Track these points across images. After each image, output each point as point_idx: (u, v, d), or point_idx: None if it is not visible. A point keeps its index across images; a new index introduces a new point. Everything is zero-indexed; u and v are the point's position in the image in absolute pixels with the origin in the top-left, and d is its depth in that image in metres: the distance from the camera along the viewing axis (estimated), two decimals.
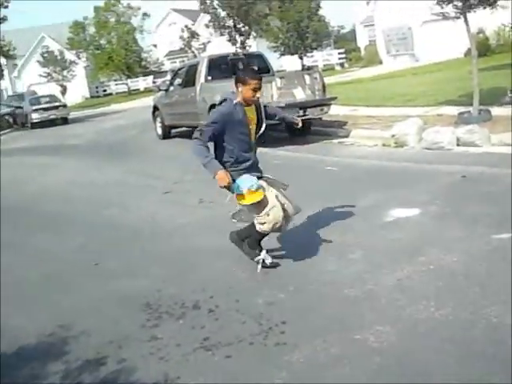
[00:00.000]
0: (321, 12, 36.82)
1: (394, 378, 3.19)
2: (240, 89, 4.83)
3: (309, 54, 38.87)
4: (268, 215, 4.80)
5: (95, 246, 6.44)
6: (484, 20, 19.09)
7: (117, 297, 4.85)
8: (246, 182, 4.83)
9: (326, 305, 4.22)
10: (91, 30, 49.94)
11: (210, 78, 13.52)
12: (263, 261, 4.98)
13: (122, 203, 8.30)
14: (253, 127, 5.02)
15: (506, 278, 4.24)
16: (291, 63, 37.82)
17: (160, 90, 16.43)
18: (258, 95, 4.87)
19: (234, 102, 4.85)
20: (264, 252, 5.01)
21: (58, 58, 43.75)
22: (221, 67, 14.11)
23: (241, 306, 4.32)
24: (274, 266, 5.02)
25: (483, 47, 25.42)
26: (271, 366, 3.44)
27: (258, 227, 4.89)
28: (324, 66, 41.53)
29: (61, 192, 9.94)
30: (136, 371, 3.56)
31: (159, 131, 15.91)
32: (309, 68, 33.16)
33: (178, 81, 15.19)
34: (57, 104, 29.22)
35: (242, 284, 4.80)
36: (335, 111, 13.50)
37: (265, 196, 4.81)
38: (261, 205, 4.81)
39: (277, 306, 4.27)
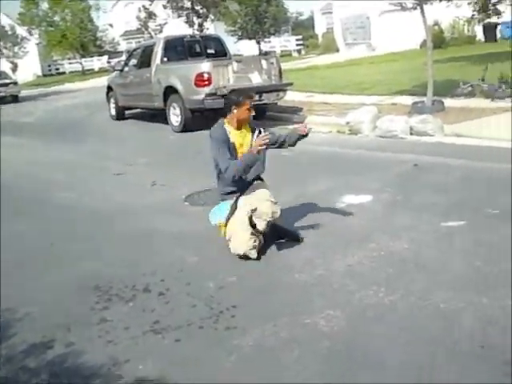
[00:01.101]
0: None
1: (343, 361, 3.21)
2: (235, 111, 4.88)
3: (266, 40, 38.86)
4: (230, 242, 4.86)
5: (49, 228, 6.26)
6: (439, 13, 19.42)
7: (67, 279, 4.73)
8: (216, 214, 5.00)
9: (276, 289, 4.23)
10: (44, 5, 48.51)
11: (165, 59, 13.35)
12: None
13: (75, 184, 8.11)
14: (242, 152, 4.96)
15: (453, 265, 4.35)
16: (249, 48, 37.68)
17: (115, 70, 16.13)
18: (252, 113, 4.95)
19: (224, 126, 4.94)
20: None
21: (9, 33, 42.47)
22: (177, 49, 13.96)
23: (192, 290, 4.29)
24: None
25: (438, 39, 25.84)
26: (221, 350, 3.42)
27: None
28: (281, 51, 41.45)
29: (12, 172, 9.64)
30: (84, 354, 3.48)
31: (113, 112, 15.64)
32: (266, 53, 33.09)
33: (133, 61, 14.92)
34: (7, 81, 28.36)
35: (194, 267, 4.76)
36: (291, 97, 13.54)
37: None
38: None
39: (228, 289, 4.25)
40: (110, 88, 15.79)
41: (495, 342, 3.26)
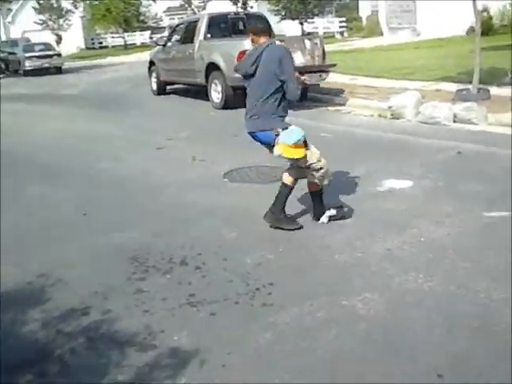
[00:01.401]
0: None
1: (380, 345, 3.18)
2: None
3: (309, 20, 38.35)
4: (320, 161, 4.85)
5: (86, 198, 6.33)
6: None
7: (105, 248, 4.79)
8: (293, 135, 4.71)
9: (314, 268, 4.20)
10: None
11: (209, 35, 13.29)
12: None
13: (114, 157, 8.17)
14: None
15: (495, 256, 4.24)
16: (291, 28, 37.30)
17: (157, 44, 16.13)
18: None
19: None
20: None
21: (55, 5, 42.91)
22: (220, 26, 13.88)
23: (228, 265, 4.29)
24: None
25: (486, 26, 25.11)
26: (256, 327, 3.41)
27: (317, 176, 4.86)
28: (324, 33, 40.91)
29: (53, 142, 9.78)
30: (119, 322, 3.52)
31: (154, 86, 15.69)
32: (309, 34, 32.72)
33: (176, 37, 14.91)
34: (51, 53, 28.75)
35: (231, 243, 4.76)
36: (333, 79, 13.36)
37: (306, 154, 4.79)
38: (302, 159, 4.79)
39: (265, 266, 4.24)
40: (152, 63, 15.82)
41: None
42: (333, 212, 5.03)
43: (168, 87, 15.48)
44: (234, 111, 11.67)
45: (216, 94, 12.34)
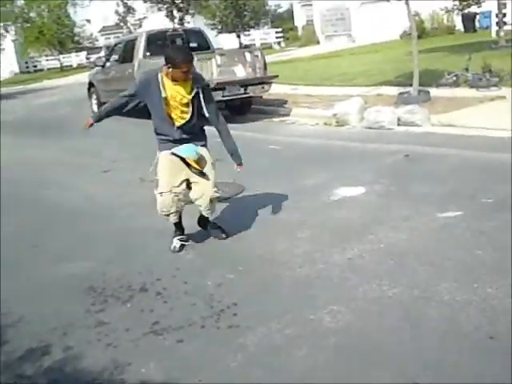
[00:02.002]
0: None
1: (352, 357, 3.14)
2: (170, 70, 4.59)
3: (246, 33, 38.63)
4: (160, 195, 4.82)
5: (34, 227, 6.12)
6: (419, 4, 19.44)
7: (59, 280, 4.60)
8: (188, 150, 4.79)
9: (277, 285, 4.13)
10: (20, 1, 47.75)
11: (148, 53, 13.14)
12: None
13: (59, 183, 7.93)
14: (176, 105, 4.73)
15: (454, 256, 4.29)
16: (229, 41, 37.47)
17: (96, 65, 15.87)
18: (189, 76, 4.66)
19: (159, 74, 4.68)
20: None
21: None
22: (159, 43, 13.73)
23: (189, 288, 4.19)
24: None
25: (419, 30, 25.71)
26: (225, 350, 3.33)
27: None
28: (261, 44, 41.21)
29: None
30: (83, 358, 3.38)
31: (95, 108, 15.40)
32: (246, 46, 32.92)
33: (114, 57, 14.71)
34: None
35: (189, 265, 4.66)
36: (275, 90, 13.42)
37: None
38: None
39: (227, 287, 4.16)
40: (91, 84, 15.56)
41: (503, 333, 3.20)
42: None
43: None
44: None
45: None
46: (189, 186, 4.85)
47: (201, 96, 4.72)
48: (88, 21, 55.31)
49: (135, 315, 3.88)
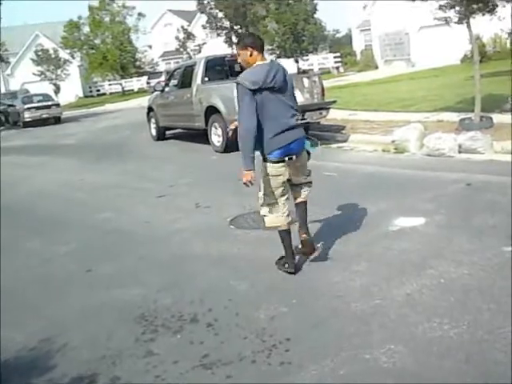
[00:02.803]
0: (316, 15, 36.72)
1: None
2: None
3: (304, 58, 38.73)
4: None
5: (88, 251, 6.18)
6: (481, 27, 19.08)
7: (109, 307, 4.60)
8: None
9: (331, 320, 3.97)
10: (86, 29, 49.53)
11: (206, 79, 13.25)
12: None
13: (115, 206, 8.03)
14: None
15: None
16: (287, 66, 37.58)
17: (155, 90, 16.14)
18: (238, 60, 4.79)
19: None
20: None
21: (52, 56, 43.49)
22: (218, 68, 13.87)
23: (241, 321, 4.08)
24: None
25: (480, 53, 25.25)
26: None
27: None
28: (319, 69, 41.27)
29: (54, 193, 9.66)
30: None
31: (153, 132, 15.68)
32: (304, 71, 32.94)
33: (173, 82, 14.93)
34: (50, 103, 28.88)
35: (242, 296, 4.55)
36: (333, 115, 13.31)
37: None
38: None
39: (280, 320, 4.03)
40: (150, 109, 15.83)
41: None
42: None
43: (167, 132, 15.45)
44: (235, 154, 11.57)
45: (216, 137, 12.25)
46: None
47: None
48: (149, 46, 56.84)
49: (185, 347, 3.80)
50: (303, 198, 4.99)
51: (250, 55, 4.61)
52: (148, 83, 43.19)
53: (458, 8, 10.46)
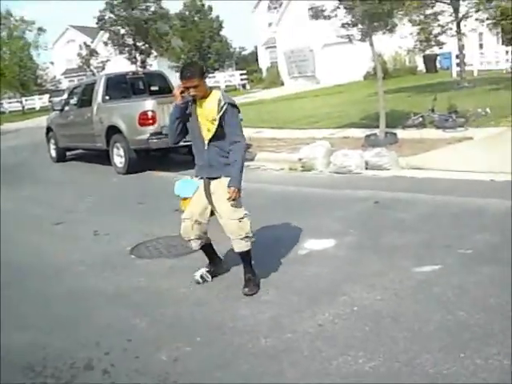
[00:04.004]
0: (222, 32, 36.77)
1: None
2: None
3: (211, 75, 38.62)
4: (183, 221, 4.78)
5: None
6: (381, 45, 19.67)
7: None
8: (184, 189, 4.75)
9: (240, 359, 3.63)
10: None
11: (107, 97, 12.71)
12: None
13: (4, 238, 7.32)
14: (204, 124, 4.53)
15: (435, 319, 3.88)
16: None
17: (54, 109, 15.40)
18: (191, 93, 4.48)
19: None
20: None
21: None
22: (119, 86, 13.38)
23: (141, 365, 3.67)
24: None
25: (382, 71, 26.11)
26: None
27: None
28: (226, 86, 41.30)
29: None
30: None
31: (53, 153, 14.91)
32: (211, 88, 32.74)
33: (73, 100, 14.25)
34: None
35: (142, 335, 4.14)
36: None
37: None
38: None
39: (184, 362, 3.65)
40: (49, 129, 15.06)
41: None
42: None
43: (68, 153, 14.74)
44: (138, 175, 11.15)
45: (119, 158, 11.71)
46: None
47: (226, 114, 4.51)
48: (51, 63, 55.02)
49: None
50: None
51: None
52: (50, 101, 41.60)
53: (360, 26, 10.57)
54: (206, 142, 4.56)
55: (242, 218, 4.59)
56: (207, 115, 4.50)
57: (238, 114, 4.62)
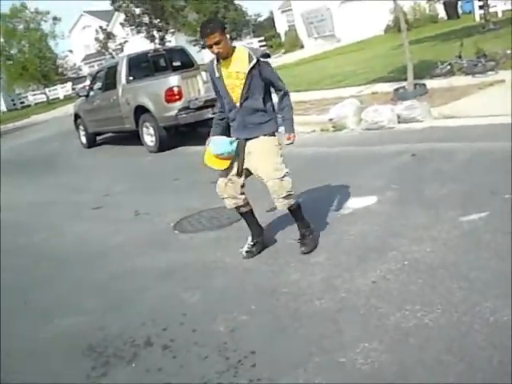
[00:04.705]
0: (236, 1, 36.26)
1: None
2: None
3: None
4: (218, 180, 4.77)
5: (22, 279, 5.62)
6: None
7: (54, 341, 4.13)
8: (220, 146, 4.56)
9: (296, 323, 3.64)
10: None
11: (131, 78, 12.70)
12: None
13: (49, 225, 7.43)
14: (233, 84, 4.45)
15: (488, 266, 3.82)
16: (212, 56, 37.08)
17: (79, 96, 15.47)
18: (215, 50, 4.35)
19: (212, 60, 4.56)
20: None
21: None
22: (142, 66, 13.34)
23: (199, 337, 3.71)
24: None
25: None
26: None
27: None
28: None
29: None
30: None
31: (83, 140, 15.02)
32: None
33: (97, 85, 14.26)
34: None
35: (196, 308, 4.18)
36: None
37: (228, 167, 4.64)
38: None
39: (241, 331, 3.68)
40: (77, 116, 15.14)
41: None
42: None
43: (98, 138, 14.83)
44: (171, 152, 11.17)
45: (149, 137, 11.74)
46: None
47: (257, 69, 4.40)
48: (70, 51, 55.13)
49: (141, 376, 3.41)
50: None
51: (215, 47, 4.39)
52: (73, 89, 41.81)
53: None
54: (238, 103, 4.48)
55: (284, 177, 4.52)
56: (236, 75, 4.40)
57: (271, 66, 4.56)
